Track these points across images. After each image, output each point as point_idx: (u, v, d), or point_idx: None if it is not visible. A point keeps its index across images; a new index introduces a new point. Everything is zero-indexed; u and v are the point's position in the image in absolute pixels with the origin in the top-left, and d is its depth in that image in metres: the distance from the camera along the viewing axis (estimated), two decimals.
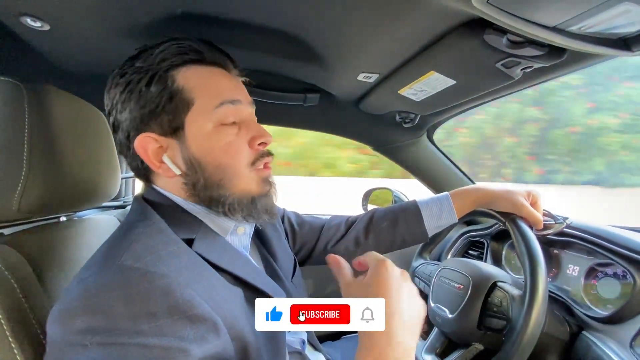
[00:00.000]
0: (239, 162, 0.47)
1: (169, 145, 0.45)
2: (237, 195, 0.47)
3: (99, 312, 0.33)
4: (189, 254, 0.41)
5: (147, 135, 0.45)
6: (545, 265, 0.55)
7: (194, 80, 0.45)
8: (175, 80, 0.45)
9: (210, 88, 0.46)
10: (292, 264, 0.66)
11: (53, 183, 0.48)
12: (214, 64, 0.48)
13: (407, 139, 1.06)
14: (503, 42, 0.50)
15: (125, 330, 0.32)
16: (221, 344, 0.37)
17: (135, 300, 0.33)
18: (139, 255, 0.37)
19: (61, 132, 0.49)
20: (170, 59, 0.45)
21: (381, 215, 0.75)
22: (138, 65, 0.45)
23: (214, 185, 0.46)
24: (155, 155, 0.45)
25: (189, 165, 0.46)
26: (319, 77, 0.80)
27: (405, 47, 0.60)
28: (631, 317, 0.59)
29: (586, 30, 0.42)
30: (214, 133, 0.46)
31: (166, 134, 0.45)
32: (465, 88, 0.69)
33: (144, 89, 0.44)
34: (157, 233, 0.41)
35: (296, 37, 0.63)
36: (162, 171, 0.46)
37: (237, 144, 0.47)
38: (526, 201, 0.65)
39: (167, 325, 0.33)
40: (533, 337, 0.52)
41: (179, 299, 0.35)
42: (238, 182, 0.47)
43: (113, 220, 0.73)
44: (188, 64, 0.46)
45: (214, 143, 0.46)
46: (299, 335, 0.61)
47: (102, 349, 0.31)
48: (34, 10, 0.54)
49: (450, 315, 0.68)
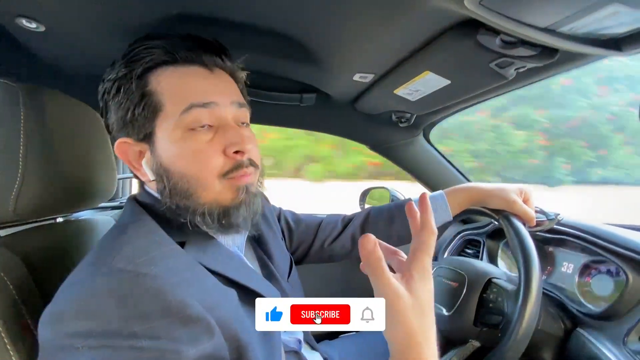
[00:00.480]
0: (207, 172, 0.43)
1: (145, 151, 0.45)
2: (207, 206, 0.44)
3: (90, 315, 0.32)
4: (181, 256, 0.41)
5: (123, 140, 0.45)
6: (539, 259, 0.56)
7: (165, 83, 0.43)
8: (148, 84, 0.43)
9: (179, 91, 0.43)
10: (288, 263, 0.67)
11: (49, 184, 0.48)
12: (190, 62, 0.45)
13: (403, 138, 1.07)
14: (496, 42, 0.51)
15: (118, 332, 0.32)
16: (215, 345, 0.37)
17: (127, 302, 0.33)
18: (130, 257, 0.36)
19: (57, 133, 0.49)
20: (140, 61, 0.43)
21: (377, 213, 0.76)
22: (117, 69, 0.44)
23: (179, 194, 0.43)
24: (135, 159, 0.45)
25: (157, 172, 0.44)
26: (315, 78, 0.80)
27: (400, 48, 0.61)
28: (624, 313, 0.60)
29: (577, 31, 0.43)
30: (182, 139, 0.43)
31: (140, 139, 0.44)
32: (460, 88, 0.70)
33: (122, 94, 0.43)
34: (148, 234, 0.41)
35: (292, 38, 0.63)
36: (140, 175, 0.46)
37: (207, 152, 0.43)
38: (519, 198, 0.66)
39: (159, 327, 0.33)
40: (528, 330, 0.52)
41: (171, 301, 0.34)
42: (206, 194, 0.44)
43: (110, 221, 0.73)
44: (162, 65, 0.44)
45: (181, 150, 0.43)
46: (295, 335, 0.61)
47: (94, 352, 0.31)
48: (30, 12, 0.53)
49: (447, 312, 0.69)
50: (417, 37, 0.56)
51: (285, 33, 0.62)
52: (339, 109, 0.97)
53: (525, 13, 0.41)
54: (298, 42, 0.64)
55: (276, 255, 0.62)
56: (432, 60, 0.61)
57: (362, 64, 0.68)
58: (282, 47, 0.66)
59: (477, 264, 0.72)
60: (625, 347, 0.57)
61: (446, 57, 0.59)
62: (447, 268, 0.75)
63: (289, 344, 0.57)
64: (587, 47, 0.45)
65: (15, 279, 0.42)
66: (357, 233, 0.75)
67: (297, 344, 0.60)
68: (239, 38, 0.64)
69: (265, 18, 0.58)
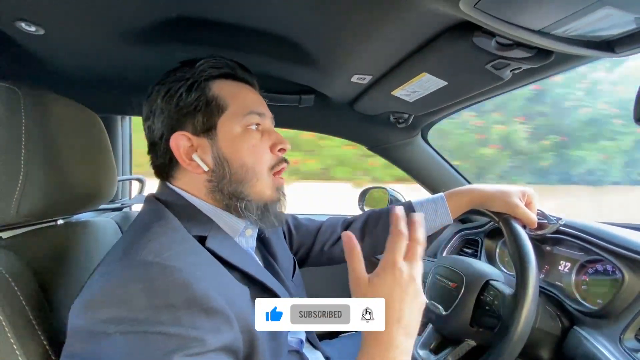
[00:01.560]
0: (261, 164, 0.52)
1: (199, 145, 0.50)
2: (252, 197, 0.51)
3: (121, 303, 0.35)
4: (202, 252, 0.44)
5: (181, 133, 0.49)
6: (537, 266, 0.56)
7: (228, 90, 0.52)
8: (211, 89, 0.51)
9: (241, 98, 0.53)
10: (292, 264, 0.68)
11: (50, 186, 0.48)
12: (244, 80, 0.56)
13: (401, 139, 1.07)
14: (492, 44, 0.51)
15: (147, 320, 0.34)
16: (233, 336, 0.39)
17: (156, 292, 0.35)
18: (157, 251, 0.39)
19: (58, 135, 0.50)
20: (207, 71, 0.51)
21: (376, 216, 0.77)
22: (179, 74, 0.51)
23: (237, 181, 0.50)
24: (186, 152, 0.49)
25: (217, 161, 0.50)
26: (314, 79, 0.81)
27: (397, 50, 0.61)
28: (619, 312, 0.60)
29: (571, 33, 0.44)
30: (242, 135, 0.51)
31: (198, 133, 0.50)
32: (457, 89, 0.70)
33: (184, 94, 0.50)
34: (172, 231, 0.44)
35: (289, 40, 0.64)
36: (190, 168, 0.50)
37: (260, 147, 0.52)
38: (520, 201, 0.66)
39: (185, 317, 0.35)
40: (523, 335, 0.53)
41: (196, 293, 0.37)
42: (256, 184, 0.52)
43: (110, 223, 0.74)
44: (223, 77, 0.53)
45: (241, 144, 0.51)
46: (297, 335, 0.62)
47: (124, 337, 0.33)
48: (29, 15, 0.54)
49: (444, 312, 0.69)
50: (414, 39, 0.57)
51: (282, 35, 0.62)
52: (338, 109, 0.97)
53: (520, 16, 0.42)
54: (295, 44, 0.65)
55: (280, 256, 0.64)
56: (429, 62, 0.61)
57: (360, 65, 0.68)
58: (280, 49, 0.67)
59: (475, 264, 0.72)
60: (621, 344, 0.58)
61: (443, 59, 0.59)
62: (445, 267, 0.75)
63: (291, 344, 0.58)
64: (582, 49, 0.46)
65: (20, 281, 0.42)
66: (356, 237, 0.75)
67: (299, 344, 0.61)
68: (236, 40, 0.64)
69: (261, 20, 0.59)
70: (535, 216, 0.65)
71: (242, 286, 0.45)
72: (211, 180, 0.50)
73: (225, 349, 0.38)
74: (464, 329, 0.66)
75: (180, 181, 0.52)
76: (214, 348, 0.36)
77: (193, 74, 0.51)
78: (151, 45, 0.65)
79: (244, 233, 0.54)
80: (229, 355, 0.38)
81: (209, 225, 0.49)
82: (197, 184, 0.51)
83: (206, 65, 0.52)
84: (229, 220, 0.51)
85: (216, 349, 0.36)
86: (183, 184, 0.52)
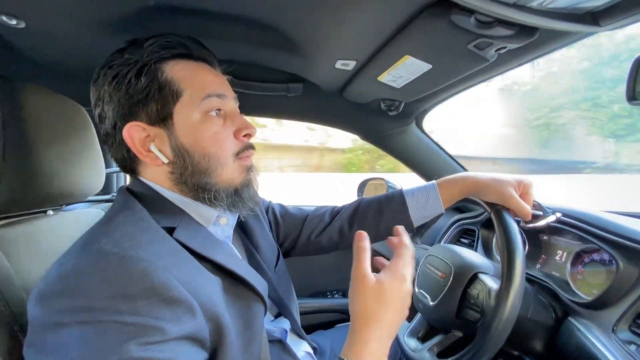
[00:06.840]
0: (225, 152, 0.49)
1: (156, 135, 0.47)
2: (221, 184, 0.49)
3: (78, 293, 0.34)
4: (168, 242, 0.42)
5: (134, 124, 0.46)
6: (523, 262, 0.53)
7: (182, 73, 0.47)
8: (163, 72, 0.46)
9: (197, 81, 0.48)
10: (275, 254, 0.67)
11: (29, 178, 0.49)
12: (201, 59, 0.51)
13: (395, 127, 1.05)
14: (471, 22, 0.49)
15: (103, 309, 0.33)
16: (196, 325, 0.38)
17: (113, 281, 0.34)
18: (117, 240, 0.38)
19: (38, 127, 0.51)
20: (159, 52, 0.46)
21: (366, 205, 0.74)
22: (127, 56, 0.46)
23: (201, 172, 0.48)
24: (142, 144, 0.46)
25: (177, 153, 0.47)
26: (298, 66, 0.79)
27: (377, 32, 0.59)
28: (614, 302, 0.58)
29: (549, 6, 0.41)
30: (201, 123, 0.47)
31: (153, 123, 0.46)
32: (443, 72, 0.68)
33: (133, 79, 0.45)
34: (137, 221, 0.43)
35: (270, 25, 0.62)
36: (149, 160, 0.47)
37: (223, 135, 0.49)
38: (515, 192, 0.62)
39: (143, 306, 0.35)
40: (504, 331, 0.52)
41: (155, 282, 0.36)
42: (222, 172, 0.49)
43: (100, 214, 0.75)
44: (176, 58, 0.48)
45: (202, 132, 0.47)
46: (280, 325, 0.62)
47: (81, 327, 0.33)
48: (9, 9, 0.54)
49: (432, 302, 0.68)
50: (392, 20, 0.55)
51: (263, 21, 0.61)
52: (327, 98, 0.96)
53: None
54: (276, 30, 0.63)
55: (263, 246, 0.63)
56: (410, 44, 0.59)
57: (342, 50, 0.67)
58: (262, 36, 0.66)
59: (465, 256, 0.69)
60: (614, 335, 0.56)
61: (423, 40, 0.57)
62: (436, 257, 0.74)
63: (274, 333, 0.57)
64: (564, 22, 0.43)
65: None
66: (345, 225, 0.73)
67: (282, 334, 0.60)
68: (219, 28, 0.63)
69: (240, 7, 0.57)
70: (529, 208, 0.61)
71: (212, 277, 0.44)
72: (173, 172, 0.48)
73: (188, 338, 0.37)
74: (450, 320, 0.65)
75: (144, 173, 0.50)
76: (174, 337, 0.35)
77: (142, 55, 0.46)
78: (133, 34, 0.65)
79: (217, 222, 0.52)
80: (193, 344, 0.38)
81: (179, 216, 0.47)
82: (160, 176, 0.48)
83: (156, 45, 0.46)
84: (200, 210, 0.49)
85: (177, 337, 0.36)
86: (147, 175, 0.49)
